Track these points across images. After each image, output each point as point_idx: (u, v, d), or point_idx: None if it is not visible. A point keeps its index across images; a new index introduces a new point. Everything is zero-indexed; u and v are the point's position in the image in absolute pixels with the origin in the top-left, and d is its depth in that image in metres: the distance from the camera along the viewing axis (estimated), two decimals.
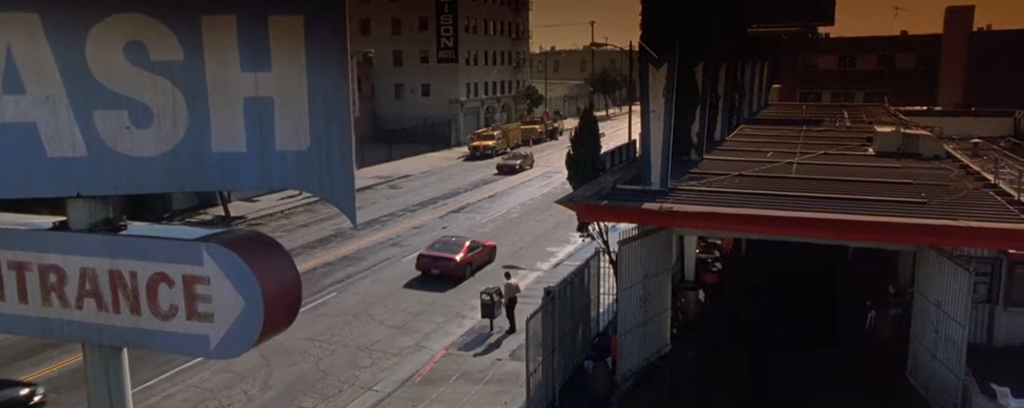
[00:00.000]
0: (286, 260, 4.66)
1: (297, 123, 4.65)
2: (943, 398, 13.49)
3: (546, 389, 14.39)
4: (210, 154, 4.59)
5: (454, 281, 23.00)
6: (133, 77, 4.40)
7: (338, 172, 4.69)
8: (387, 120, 61.81)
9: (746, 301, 21.65)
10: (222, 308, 4.31)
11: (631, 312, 15.43)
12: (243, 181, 4.76)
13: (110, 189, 4.55)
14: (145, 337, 4.52)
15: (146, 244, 4.48)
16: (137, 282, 4.42)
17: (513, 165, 47.71)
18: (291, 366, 16.98)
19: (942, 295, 13.80)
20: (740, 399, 14.92)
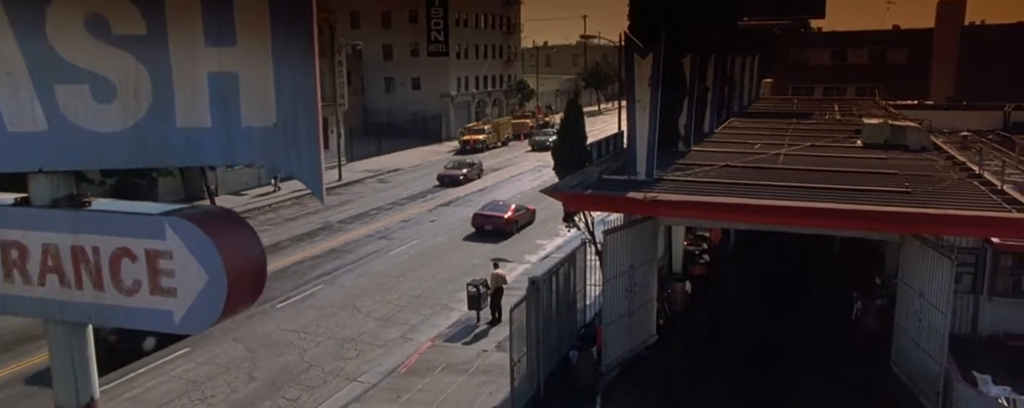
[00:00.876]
0: (250, 235, 4.66)
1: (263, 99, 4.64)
2: (926, 386, 13.59)
3: (531, 379, 14.44)
4: (175, 130, 4.59)
5: (504, 235, 27.76)
6: (95, 51, 4.39)
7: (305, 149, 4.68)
8: (377, 114, 61.70)
9: (733, 293, 21.76)
10: (185, 283, 4.31)
11: (616, 302, 15.47)
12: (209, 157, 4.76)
13: (73, 164, 4.55)
14: (109, 313, 4.52)
15: (109, 219, 4.47)
16: (100, 257, 4.42)
17: (456, 176, 40.31)
18: (276, 358, 16.98)
19: (925, 284, 13.89)
20: (725, 389, 15.02)
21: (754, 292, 20.89)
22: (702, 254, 21.86)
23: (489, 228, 28.04)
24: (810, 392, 14.39)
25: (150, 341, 16.97)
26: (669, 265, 21.09)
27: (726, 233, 25.07)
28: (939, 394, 13.05)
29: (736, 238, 25.57)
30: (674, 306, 18.76)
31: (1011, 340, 15.64)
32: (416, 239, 27.92)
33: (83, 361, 4.97)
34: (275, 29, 4.46)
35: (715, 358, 16.84)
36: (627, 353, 15.93)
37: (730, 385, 15.14)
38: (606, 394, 14.86)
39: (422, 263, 24.70)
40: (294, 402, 14.82)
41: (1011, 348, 15.43)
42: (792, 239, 23.98)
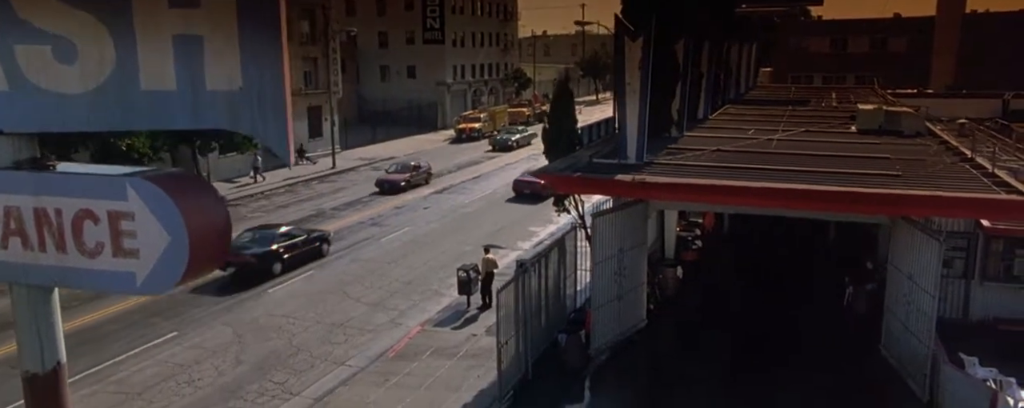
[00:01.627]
0: (214, 198, 4.70)
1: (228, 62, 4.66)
2: (914, 369, 13.68)
3: (519, 362, 14.51)
4: (139, 93, 4.61)
5: (542, 199, 29.77)
6: (56, 12, 4.41)
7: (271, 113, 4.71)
8: (373, 103, 61.62)
9: (726, 279, 21.81)
10: (147, 244, 4.34)
11: (605, 286, 15.53)
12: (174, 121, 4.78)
13: (35, 126, 4.57)
14: (72, 275, 4.56)
15: (71, 180, 4.50)
16: (62, 219, 4.45)
17: (397, 181, 34.50)
18: (264, 342, 17.04)
19: (914, 267, 13.95)
20: (715, 373, 15.09)
21: (746, 278, 20.97)
22: (695, 240, 21.91)
23: (527, 191, 32.29)
24: (799, 375, 14.46)
25: (277, 266, 21.60)
26: (661, 251, 21.15)
27: (720, 220, 25.13)
28: (926, 376, 13.13)
29: (730, 225, 25.62)
30: (665, 291, 18.82)
31: (1001, 324, 15.72)
32: (408, 226, 27.96)
33: (49, 325, 5.01)
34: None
35: (705, 343, 16.91)
36: (616, 337, 16.00)
37: (719, 369, 15.21)
38: (594, 377, 14.94)
39: (414, 250, 24.76)
40: (281, 385, 14.89)
41: (1001, 332, 15.51)
42: (787, 226, 24.12)
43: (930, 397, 13.01)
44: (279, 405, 14.09)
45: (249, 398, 14.36)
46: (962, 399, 12.05)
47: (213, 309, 19.15)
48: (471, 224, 28.31)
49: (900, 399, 13.52)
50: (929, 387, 13.06)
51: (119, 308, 19.07)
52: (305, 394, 14.54)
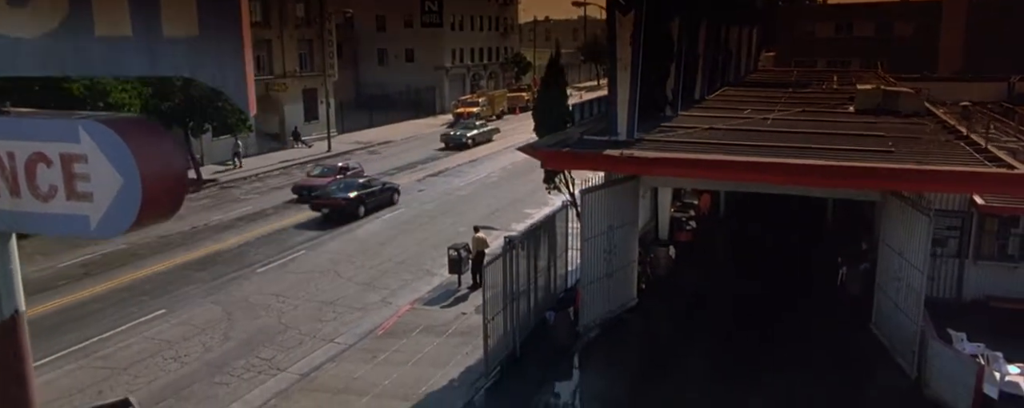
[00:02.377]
0: (170, 144, 4.75)
1: (185, 9, 4.69)
2: (903, 346, 13.76)
3: (507, 339, 14.59)
4: (93, 39, 4.65)
5: None
6: None
7: (230, 61, 4.74)
8: (370, 87, 61.53)
9: (720, 259, 21.88)
10: (100, 186, 4.41)
11: (594, 263, 15.60)
12: (130, 68, 4.83)
13: None
14: (27, 220, 4.63)
15: (24, 123, 4.56)
16: (16, 163, 4.51)
17: (319, 187, 27.95)
18: (253, 320, 17.15)
19: (904, 243, 14.01)
20: (704, 352, 15.18)
21: (741, 259, 21.02)
22: (689, 221, 21.95)
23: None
24: (788, 354, 14.54)
25: (362, 208, 26.48)
26: (655, 231, 21.19)
27: (716, 202, 25.16)
28: (914, 353, 13.22)
29: (727, 207, 25.65)
30: (657, 271, 18.87)
31: (993, 301, 15.76)
32: (403, 207, 28.03)
33: (6, 273, 5.09)
34: None
35: (696, 322, 16.99)
36: (606, 315, 16.09)
37: (709, 347, 15.30)
38: (583, 354, 15.04)
39: (407, 230, 24.83)
40: (269, 361, 15.00)
41: (993, 309, 15.56)
42: (785, 208, 24.15)
43: (918, 373, 13.10)
44: (265, 380, 14.20)
45: (236, 373, 14.47)
46: (949, 374, 12.13)
47: (203, 287, 19.26)
48: (466, 206, 28.35)
49: (889, 376, 13.61)
50: (917, 363, 13.15)
51: (107, 286, 19.20)
52: (292, 369, 14.65)
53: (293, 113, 44.44)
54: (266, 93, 41.79)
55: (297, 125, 44.21)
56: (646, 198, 20.38)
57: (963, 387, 11.74)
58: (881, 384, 13.50)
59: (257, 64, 41.45)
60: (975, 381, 11.51)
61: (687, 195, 24.39)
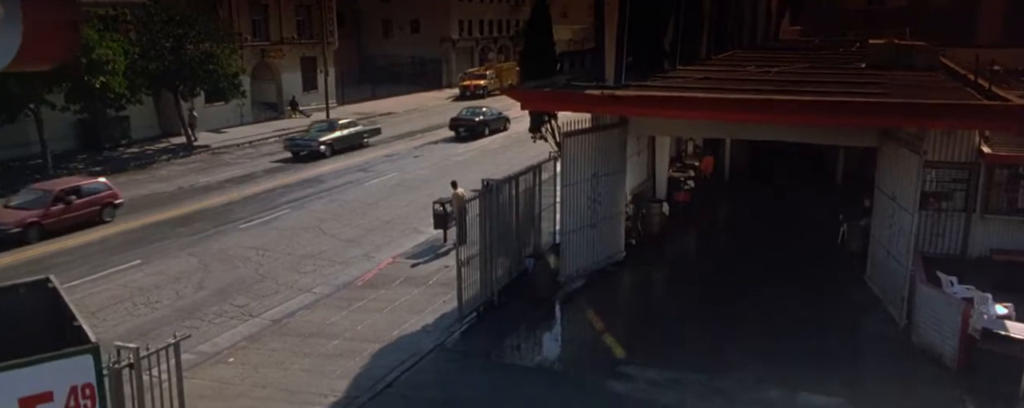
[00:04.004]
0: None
1: None
2: (893, 294, 13.81)
3: (485, 286, 14.78)
4: None
5: None
6: None
7: None
8: (374, 59, 61.73)
9: (718, 220, 21.97)
10: None
11: (577, 211, 15.75)
12: None
13: None
14: None
15: None
16: None
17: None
18: (229, 271, 17.50)
19: (896, 186, 14.04)
20: (689, 304, 15.32)
21: (740, 219, 21.08)
22: (687, 181, 21.99)
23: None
24: (777, 306, 14.60)
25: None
26: (652, 191, 21.27)
27: (719, 164, 25.17)
28: (904, 299, 13.27)
29: (731, 170, 25.63)
30: (649, 227, 18.97)
31: (996, 255, 15.71)
32: (396, 172, 28.31)
33: None
34: None
35: (685, 277, 17.14)
36: (590, 265, 16.25)
37: (695, 301, 15.43)
38: (563, 304, 15.21)
39: (398, 193, 25.10)
40: (241, 308, 15.33)
41: (996, 263, 15.50)
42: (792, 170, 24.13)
43: (908, 321, 13.15)
44: (236, 325, 14.52)
45: (207, 318, 14.81)
46: (936, 317, 12.18)
47: (181, 241, 19.65)
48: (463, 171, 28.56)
49: (878, 325, 13.69)
50: (906, 310, 13.20)
51: (80, 240, 19.64)
52: (265, 316, 14.96)
53: (291, 82, 44.80)
54: (262, 60, 42.18)
55: (295, 95, 44.57)
56: (641, 155, 20.49)
57: (949, 328, 11.80)
58: (869, 332, 13.59)
59: (253, 29, 41.78)
60: (961, 321, 11.56)
61: (688, 156, 24.45)
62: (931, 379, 11.54)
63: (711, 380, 11.47)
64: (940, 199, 16.53)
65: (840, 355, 12.48)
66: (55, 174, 27.18)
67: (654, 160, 21.42)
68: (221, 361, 12.99)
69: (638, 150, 19.87)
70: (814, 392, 11.14)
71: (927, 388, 11.33)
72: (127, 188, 24.04)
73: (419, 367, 12.38)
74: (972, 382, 11.21)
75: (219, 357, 13.14)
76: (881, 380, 11.64)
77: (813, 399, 10.96)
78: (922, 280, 12.79)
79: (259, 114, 41.97)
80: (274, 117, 42.83)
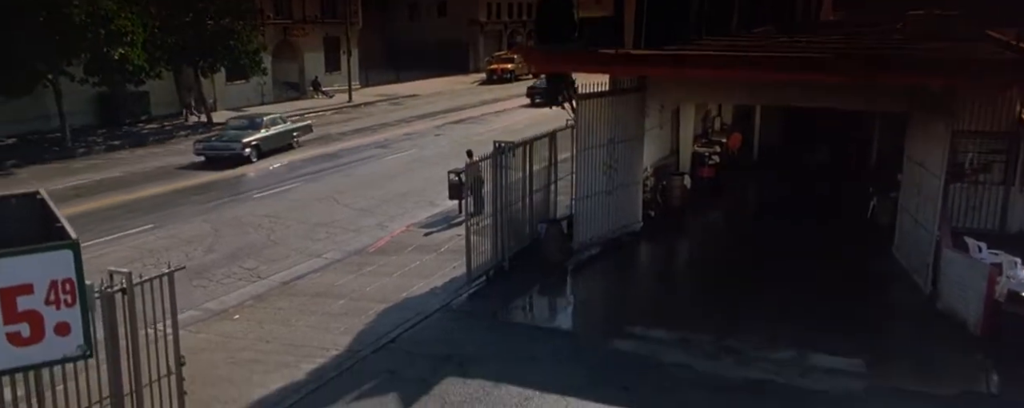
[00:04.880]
0: None
1: None
2: (919, 262, 13.67)
3: (495, 251, 14.92)
4: None
5: None
6: None
7: None
8: (399, 42, 62.21)
9: (743, 195, 21.85)
10: None
11: (592, 176, 15.79)
12: None
13: None
14: None
15: None
16: None
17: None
18: (241, 236, 17.86)
19: (926, 154, 13.89)
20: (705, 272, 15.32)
21: (766, 195, 20.96)
22: (712, 156, 21.89)
23: None
24: (799, 273, 14.54)
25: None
26: (676, 166, 21.22)
27: (747, 140, 24.99)
28: (928, 266, 13.14)
29: (761, 149, 25.44)
30: (670, 200, 18.94)
31: None
32: (415, 149, 28.59)
33: None
34: None
35: (705, 250, 17.13)
36: (605, 235, 16.28)
37: (714, 271, 15.42)
38: (575, 271, 15.29)
39: (417, 168, 25.35)
40: (250, 271, 15.64)
41: None
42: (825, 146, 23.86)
43: (933, 288, 13.01)
44: (244, 286, 14.83)
45: (215, 279, 15.14)
46: (961, 282, 12.04)
47: (195, 208, 20.09)
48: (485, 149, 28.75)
49: (902, 294, 13.58)
50: (931, 278, 13.06)
51: (97, 205, 20.20)
52: (273, 278, 15.25)
53: (313, 62, 45.36)
54: (284, 38, 42.75)
55: (317, 75, 45.11)
56: (664, 129, 20.45)
57: (974, 293, 11.65)
58: (892, 300, 13.49)
59: (275, 7, 42.37)
60: (987, 285, 11.41)
61: (715, 133, 24.34)
62: (952, 344, 11.43)
63: (721, 340, 11.48)
64: (977, 171, 16.29)
65: (859, 321, 12.39)
66: (73, 148, 27.93)
67: (678, 135, 21.38)
68: (226, 318, 13.28)
69: (660, 123, 19.81)
70: (828, 353, 11.09)
71: (947, 352, 11.23)
72: (145, 160, 24.69)
73: (423, 325, 12.55)
74: (996, 347, 11.09)
75: (225, 314, 13.43)
76: (900, 343, 11.57)
77: (826, 359, 10.91)
78: (948, 245, 12.65)
79: (280, 94, 42.59)
80: (296, 97, 43.44)
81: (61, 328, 5.91)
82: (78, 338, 5.98)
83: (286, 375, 10.85)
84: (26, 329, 5.75)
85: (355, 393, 10.26)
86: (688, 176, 19.81)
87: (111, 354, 7.59)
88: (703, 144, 22.98)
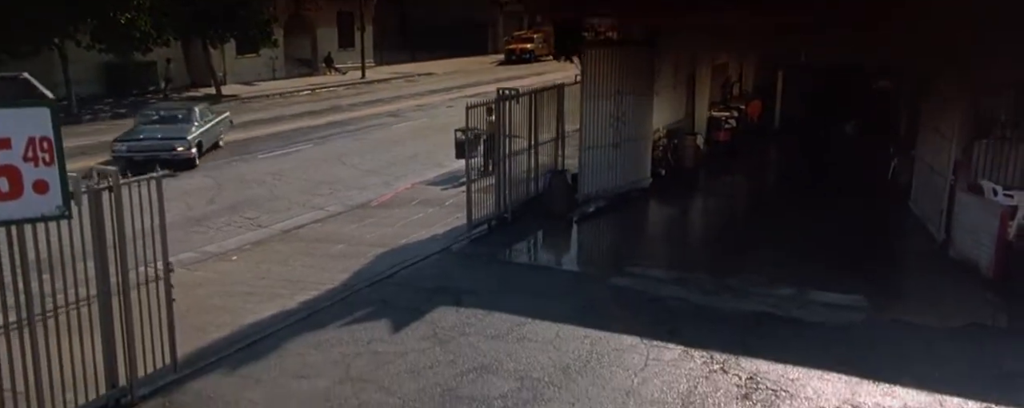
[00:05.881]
0: None
1: None
2: (932, 210, 13.78)
3: (498, 201, 15.20)
4: None
5: None
6: None
7: None
8: (416, 22, 62.52)
9: (760, 158, 21.96)
10: None
11: (599, 127, 16.04)
12: None
13: None
14: None
15: None
16: None
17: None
18: (243, 190, 18.28)
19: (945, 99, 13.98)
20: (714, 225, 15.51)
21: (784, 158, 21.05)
22: (728, 120, 22.02)
23: None
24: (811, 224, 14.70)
25: None
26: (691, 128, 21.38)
27: (768, 110, 25.07)
28: (942, 212, 13.23)
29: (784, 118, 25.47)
30: (682, 160, 19.12)
31: None
32: (426, 118, 28.97)
33: None
34: None
35: (715, 204, 17.31)
36: (612, 188, 16.50)
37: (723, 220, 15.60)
38: (581, 220, 15.53)
39: (427, 134, 25.65)
40: (251, 220, 16.05)
41: None
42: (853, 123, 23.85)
43: (946, 236, 13.11)
44: (244, 233, 15.22)
45: (215, 227, 15.55)
46: (974, 226, 12.13)
47: (198, 167, 20.56)
48: None
49: (915, 242, 13.72)
50: (945, 224, 13.16)
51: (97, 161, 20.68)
52: (274, 227, 15.62)
53: (326, 37, 45.89)
54: (297, 12, 43.28)
55: (330, 51, 45.62)
56: (677, 90, 20.60)
57: (987, 235, 11.75)
58: (904, 248, 13.64)
59: None
60: (999, 225, 11.50)
61: (733, 99, 24.44)
62: (962, 285, 11.56)
63: (721, 279, 11.69)
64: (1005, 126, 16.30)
65: (866, 265, 12.53)
66: (79, 114, 28.61)
67: (694, 98, 21.53)
68: (224, 259, 13.67)
69: (673, 84, 19.95)
70: (830, 291, 11.25)
71: (955, 291, 11.36)
72: None
73: (421, 265, 12.88)
74: (1007, 287, 11.18)
75: (223, 256, 13.82)
76: (905, 284, 11.71)
77: (827, 296, 11.08)
78: (963, 189, 12.74)
79: (292, 70, 43.15)
80: (308, 73, 43.98)
81: (39, 185, 6.26)
82: (57, 198, 6.32)
83: (279, 304, 11.20)
84: (5, 184, 6.10)
85: (347, 319, 10.59)
86: (702, 137, 19.97)
87: (99, 252, 7.95)
88: (720, 109, 23.11)
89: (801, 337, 9.88)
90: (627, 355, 9.31)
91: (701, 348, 9.39)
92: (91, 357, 8.01)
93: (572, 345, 9.59)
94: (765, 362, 9.03)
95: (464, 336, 9.94)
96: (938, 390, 8.32)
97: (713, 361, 9.12)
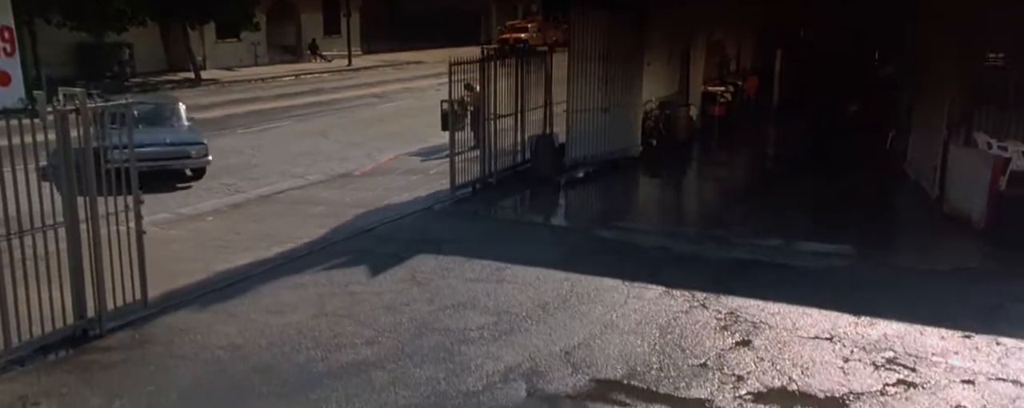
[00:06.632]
0: None
1: None
2: (927, 167, 14.09)
3: (483, 165, 15.49)
4: None
5: None
6: None
7: None
8: (408, 11, 62.81)
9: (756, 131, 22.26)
10: None
11: (587, 91, 16.34)
12: None
13: None
14: None
15: None
16: None
17: None
18: (220, 160, 18.40)
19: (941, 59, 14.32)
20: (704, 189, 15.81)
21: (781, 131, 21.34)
22: (723, 94, 22.32)
23: None
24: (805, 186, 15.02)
25: None
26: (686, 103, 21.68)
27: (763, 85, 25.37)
28: (936, 168, 13.55)
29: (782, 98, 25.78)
30: (675, 131, 19.39)
31: None
32: (413, 99, 29.27)
33: None
34: None
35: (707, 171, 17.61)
36: (601, 154, 16.79)
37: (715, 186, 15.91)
38: (568, 184, 15.83)
39: (412, 114, 25.95)
40: (229, 186, 16.29)
41: None
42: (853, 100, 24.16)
43: (939, 192, 13.42)
44: (221, 197, 15.47)
45: (190, 192, 15.82)
46: (967, 179, 12.44)
47: None
48: None
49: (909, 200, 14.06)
50: (939, 180, 13.48)
51: None
52: (251, 193, 15.88)
53: (311, 23, 46.19)
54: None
55: (315, 38, 45.92)
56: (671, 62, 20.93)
57: (979, 187, 12.04)
58: (897, 204, 13.93)
59: None
60: (991, 174, 11.79)
61: (729, 75, 24.75)
62: (952, 235, 11.88)
63: (706, 231, 11.98)
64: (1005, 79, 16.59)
65: (857, 219, 12.84)
66: None
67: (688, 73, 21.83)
68: (200, 219, 13.92)
69: (667, 56, 20.29)
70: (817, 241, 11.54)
71: (945, 242, 11.67)
72: None
73: (402, 221, 13.15)
74: (998, 235, 11.47)
75: (198, 217, 14.08)
76: (895, 234, 12.00)
77: (814, 246, 11.36)
78: (957, 143, 13.05)
79: (275, 56, 43.43)
80: (292, 60, 44.25)
81: (2, 77, 6.49)
82: (19, 90, 6.56)
83: (255, 255, 11.42)
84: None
85: (325, 265, 10.84)
86: (695, 108, 20.28)
87: (65, 176, 8.19)
88: (716, 83, 23.42)
89: (785, 281, 10.16)
90: (607, 294, 9.58)
91: (682, 288, 9.67)
92: (59, 287, 8.25)
93: (551, 285, 9.86)
94: (746, 299, 9.31)
95: (443, 279, 10.21)
96: (919, 321, 8.59)
97: (693, 299, 9.39)
